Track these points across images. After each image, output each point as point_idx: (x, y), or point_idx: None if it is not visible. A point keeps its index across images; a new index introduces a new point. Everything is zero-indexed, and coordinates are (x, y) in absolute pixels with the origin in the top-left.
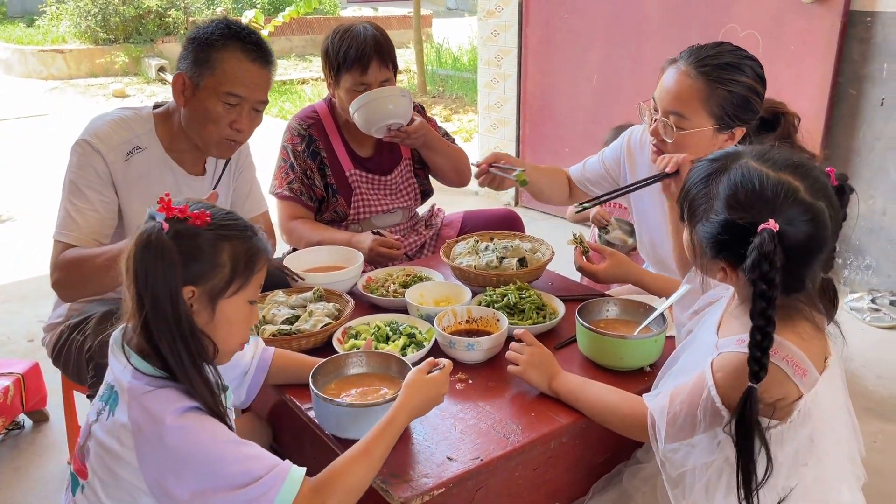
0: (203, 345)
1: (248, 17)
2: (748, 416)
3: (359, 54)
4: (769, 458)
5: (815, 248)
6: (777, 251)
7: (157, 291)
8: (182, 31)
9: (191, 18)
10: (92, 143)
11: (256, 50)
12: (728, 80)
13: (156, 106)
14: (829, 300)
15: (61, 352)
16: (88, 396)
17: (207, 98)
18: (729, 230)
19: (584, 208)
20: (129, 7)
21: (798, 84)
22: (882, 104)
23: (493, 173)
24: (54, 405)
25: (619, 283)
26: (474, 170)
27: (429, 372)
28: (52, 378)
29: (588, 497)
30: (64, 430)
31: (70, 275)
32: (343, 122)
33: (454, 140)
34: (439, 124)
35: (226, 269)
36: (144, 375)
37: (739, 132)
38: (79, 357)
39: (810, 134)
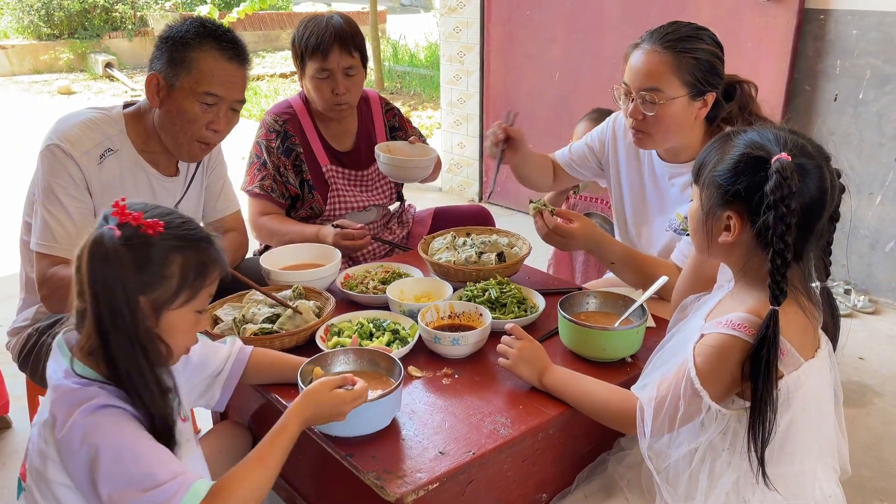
0: (159, 349)
1: (202, 12)
2: (769, 341)
3: (319, 41)
4: (775, 408)
5: (817, 203)
6: (794, 177)
7: (115, 299)
8: (129, 27)
9: (138, 13)
10: (63, 148)
11: (233, 48)
12: (692, 48)
13: (125, 105)
14: (829, 312)
15: (29, 356)
16: None
17: (184, 98)
18: (743, 161)
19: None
20: (73, 1)
21: (755, 80)
22: (835, 100)
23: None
24: (17, 411)
25: (590, 246)
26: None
27: (337, 387)
28: (13, 383)
29: (573, 487)
30: (28, 438)
31: (64, 294)
32: (318, 116)
33: (426, 139)
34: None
35: (174, 280)
36: (76, 375)
37: (711, 97)
38: None
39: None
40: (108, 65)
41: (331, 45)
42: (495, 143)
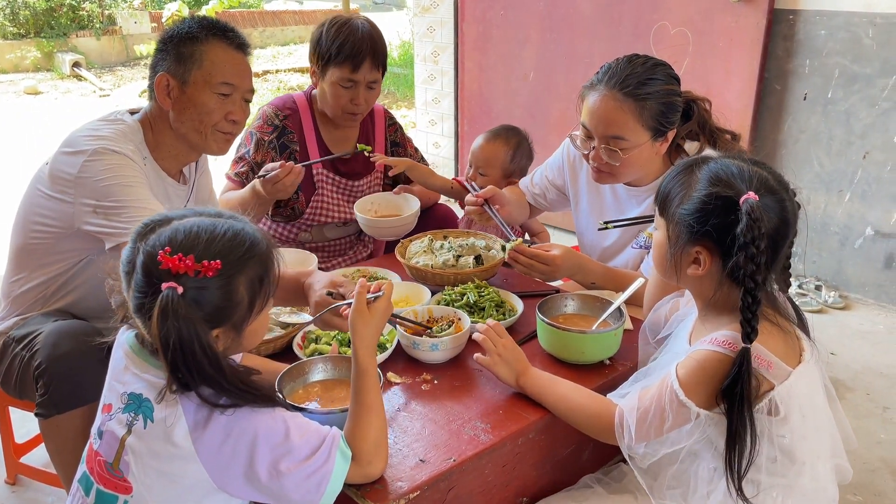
0: (237, 373)
1: (171, 10)
2: (742, 378)
3: (354, 50)
4: (753, 439)
5: (781, 235)
6: (763, 218)
7: (192, 351)
8: (97, 25)
9: (106, 12)
10: (114, 149)
11: (237, 39)
12: (652, 92)
13: (130, 113)
14: (797, 316)
15: (0, 364)
16: (37, 414)
17: (199, 93)
18: (711, 202)
19: (606, 227)
20: (39, 0)
21: (727, 79)
22: (805, 98)
23: (488, 215)
24: None
25: (573, 270)
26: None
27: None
28: None
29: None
30: None
31: None
32: (322, 118)
33: (425, 160)
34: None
35: (244, 301)
36: None
37: (671, 133)
38: (24, 373)
39: (740, 128)
40: (76, 64)
41: (365, 58)
42: (479, 210)
